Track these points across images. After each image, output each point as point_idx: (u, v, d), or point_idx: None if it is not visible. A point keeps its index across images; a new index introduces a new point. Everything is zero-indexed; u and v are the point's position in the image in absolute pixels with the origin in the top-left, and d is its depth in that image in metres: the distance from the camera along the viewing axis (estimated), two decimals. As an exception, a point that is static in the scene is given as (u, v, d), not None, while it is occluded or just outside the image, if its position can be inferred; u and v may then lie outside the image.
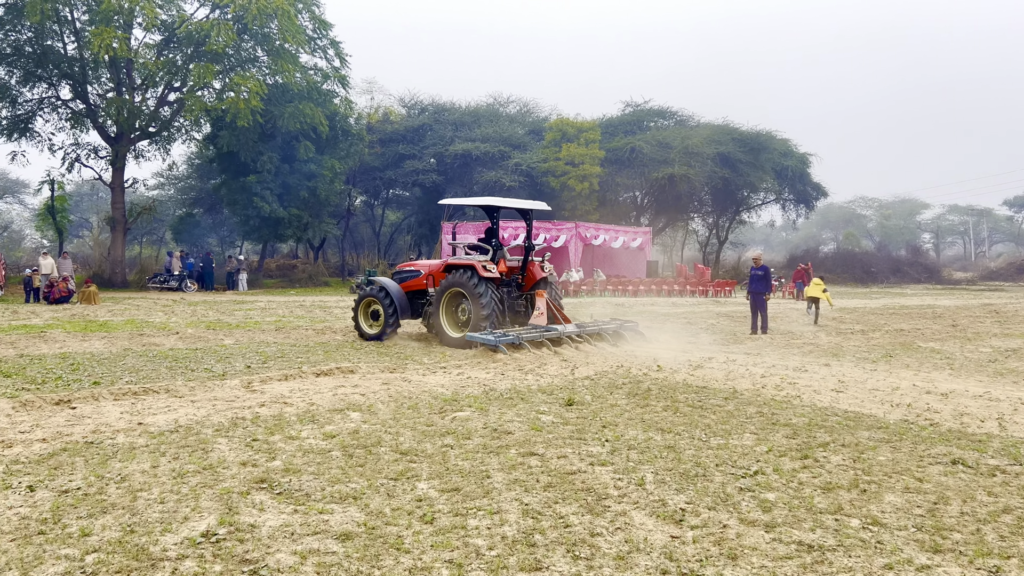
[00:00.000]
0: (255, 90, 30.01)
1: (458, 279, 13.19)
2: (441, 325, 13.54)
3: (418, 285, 14.61)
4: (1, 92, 31.62)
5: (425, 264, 15.00)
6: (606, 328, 13.84)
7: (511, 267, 14.11)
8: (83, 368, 10.15)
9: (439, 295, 13.59)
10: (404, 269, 15.40)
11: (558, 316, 13.70)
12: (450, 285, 13.37)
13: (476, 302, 12.88)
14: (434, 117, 45.89)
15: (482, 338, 12.02)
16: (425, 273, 14.59)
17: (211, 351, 12.29)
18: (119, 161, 33.58)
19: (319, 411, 7.39)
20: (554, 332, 12.72)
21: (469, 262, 13.38)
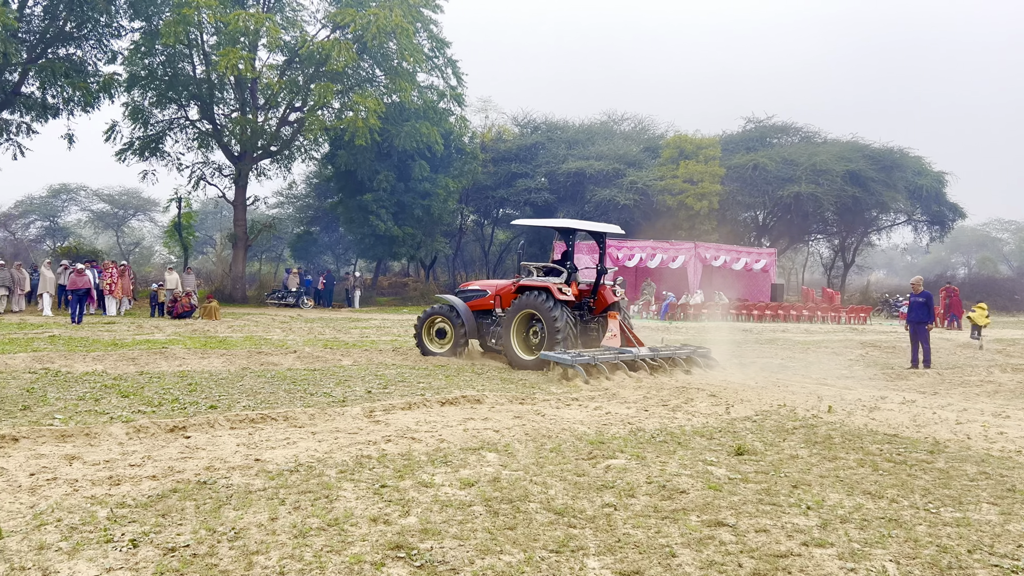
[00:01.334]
0: (373, 109, 30.08)
1: (532, 301, 12.88)
2: (512, 347, 13.19)
3: (484, 305, 14.33)
4: (135, 114, 32.92)
5: (491, 284, 14.84)
6: (679, 353, 13.22)
7: (582, 290, 13.70)
8: (200, 389, 9.70)
9: (511, 316, 13.23)
10: (468, 288, 15.10)
11: (631, 338, 13.42)
12: (523, 307, 13.05)
13: (550, 324, 12.57)
14: (547, 135, 45.27)
15: (557, 357, 11.69)
16: (492, 293, 14.31)
17: (330, 372, 11.72)
18: (242, 179, 34.39)
19: (451, 450, 6.51)
20: (628, 355, 12.31)
21: (543, 284, 13.04)
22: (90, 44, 31.02)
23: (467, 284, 15.63)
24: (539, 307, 12.78)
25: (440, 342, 14.43)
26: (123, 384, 9.91)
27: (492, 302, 14.20)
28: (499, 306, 14.01)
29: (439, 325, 14.50)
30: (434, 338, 14.54)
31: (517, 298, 13.28)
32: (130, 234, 61.04)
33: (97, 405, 8.38)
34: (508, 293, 13.90)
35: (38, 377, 10.33)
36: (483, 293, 14.54)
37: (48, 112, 30.08)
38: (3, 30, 24.75)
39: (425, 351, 14.43)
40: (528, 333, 13.22)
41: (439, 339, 14.46)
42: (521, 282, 13.54)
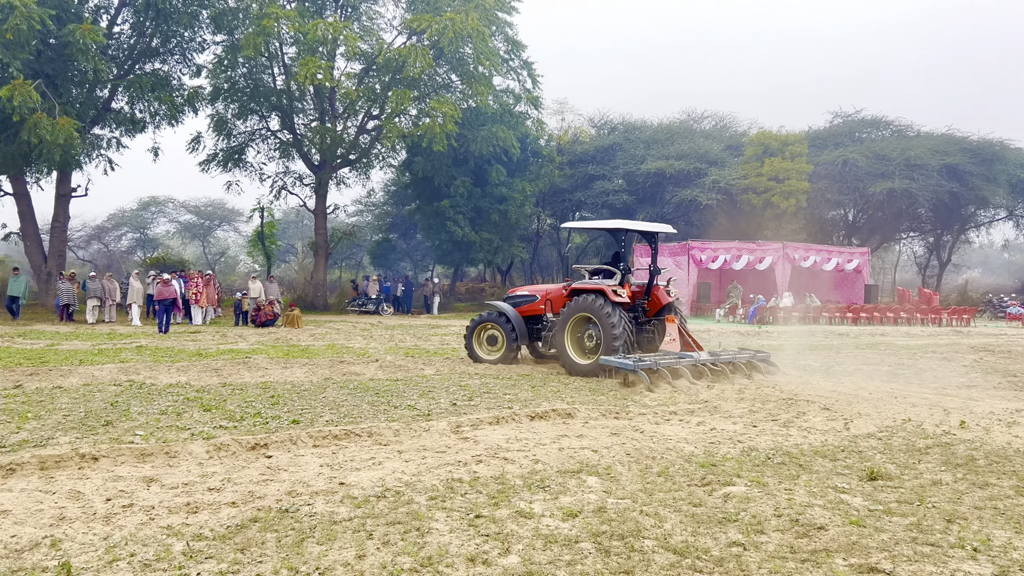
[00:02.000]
0: (450, 114, 29.88)
1: (586, 304, 12.55)
2: (567, 351, 12.86)
3: (534, 310, 14.12)
4: (219, 126, 33.62)
5: (541, 289, 14.60)
6: (739, 357, 12.74)
7: (635, 292, 13.36)
8: (283, 401, 9.42)
9: (564, 321, 12.88)
10: (517, 294, 14.84)
11: (690, 342, 13.00)
12: (577, 310, 12.70)
13: (607, 328, 12.19)
14: (624, 136, 44.36)
15: (619, 363, 11.43)
16: (542, 298, 14.07)
17: (412, 383, 11.34)
18: (322, 188, 34.73)
19: (547, 473, 5.97)
20: (689, 360, 11.91)
21: (598, 286, 12.68)
22: (175, 59, 31.77)
23: (516, 290, 15.39)
24: (594, 310, 12.42)
25: (491, 349, 14.19)
26: (206, 397, 9.72)
27: (543, 307, 13.98)
28: (550, 311, 13.80)
29: (490, 332, 14.26)
30: (484, 344, 14.30)
31: (570, 301, 12.94)
32: (216, 244, 62.73)
33: (179, 420, 8.16)
34: (559, 297, 13.64)
35: (123, 390, 10.25)
36: (533, 298, 14.29)
37: (136, 127, 30.90)
38: (94, 49, 25.47)
39: (476, 358, 14.17)
40: (583, 337, 12.83)
41: (490, 346, 14.23)
42: (573, 285, 13.22)
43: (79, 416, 8.24)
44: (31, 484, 5.51)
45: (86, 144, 28.98)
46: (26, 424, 7.81)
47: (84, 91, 27.76)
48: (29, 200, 29.32)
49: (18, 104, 22.40)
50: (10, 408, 8.70)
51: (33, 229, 29.69)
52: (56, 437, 7.16)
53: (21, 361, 13.56)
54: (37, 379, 11.19)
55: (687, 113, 47.51)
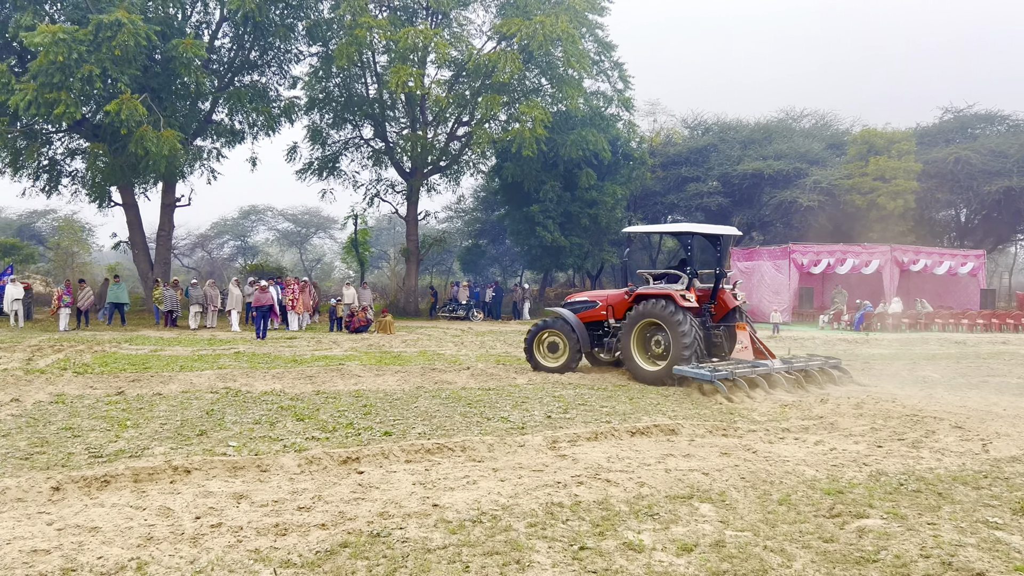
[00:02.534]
0: (540, 118, 29.56)
1: (654, 309, 12.27)
2: (633, 358, 12.61)
3: (594, 316, 13.80)
4: (314, 135, 34.29)
5: (601, 295, 14.33)
6: (811, 365, 12.43)
7: (699, 296, 12.80)
8: (375, 411, 9.23)
9: (629, 326, 12.63)
10: (576, 300, 14.46)
11: (763, 350, 12.65)
12: (643, 316, 12.44)
13: (676, 334, 11.89)
14: (719, 136, 43.08)
15: (694, 373, 11.10)
16: (603, 304, 13.77)
17: (505, 392, 11.01)
18: (413, 195, 34.97)
19: (655, 498, 5.49)
20: (764, 368, 11.68)
21: (665, 291, 12.43)
22: (272, 71, 32.59)
23: (574, 296, 15.05)
24: (663, 316, 12.12)
25: (552, 356, 13.87)
26: (299, 405, 9.63)
27: (604, 313, 13.68)
28: (611, 317, 13.55)
29: (550, 339, 13.93)
30: (546, 352, 13.97)
31: (635, 307, 12.67)
32: (312, 251, 64.27)
33: (272, 430, 8.05)
34: (621, 303, 13.38)
35: (219, 397, 10.28)
36: (592, 304, 13.97)
37: (235, 137, 31.83)
38: (196, 63, 26.32)
39: (536, 366, 13.89)
40: (650, 343, 12.53)
41: (551, 353, 13.90)
42: (639, 290, 12.91)
43: (175, 425, 8.24)
44: (123, 499, 5.40)
45: (189, 155, 30.01)
46: (124, 432, 7.84)
47: (187, 104, 28.72)
48: (137, 210, 30.52)
49: (125, 117, 23.28)
50: (111, 415, 8.79)
51: (141, 238, 30.90)
52: (151, 447, 7.13)
53: (126, 367, 13.91)
54: (139, 386, 11.39)
55: (785, 112, 45.80)
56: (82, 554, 4.24)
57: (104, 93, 24.79)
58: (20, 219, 48.66)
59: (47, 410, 9.14)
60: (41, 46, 22.41)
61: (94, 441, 7.42)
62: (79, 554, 4.24)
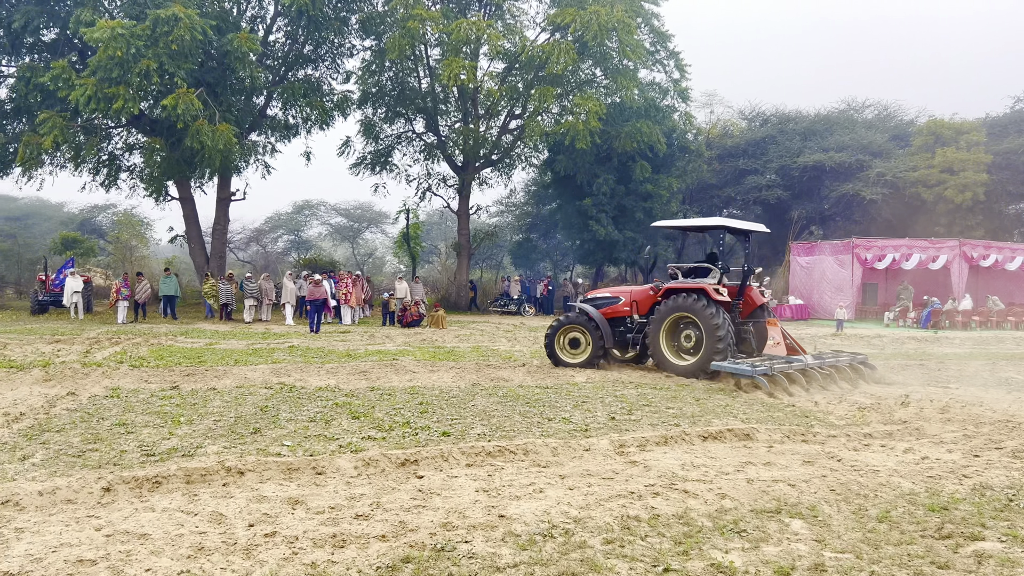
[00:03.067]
0: (594, 111, 29.04)
1: (686, 303, 12.19)
2: (662, 352, 12.60)
3: (617, 312, 13.57)
4: (367, 130, 34.28)
5: (624, 290, 14.10)
6: (840, 361, 12.29)
7: (728, 291, 12.80)
8: (432, 410, 8.91)
9: (659, 320, 12.55)
10: (598, 296, 14.26)
11: (796, 346, 12.72)
12: (674, 310, 12.38)
13: (710, 328, 11.81)
14: (778, 128, 41.90)
15: (736, 368, 11.03)
16: (627, 300, 13.58)
17: (564, 391, 10.61)
18: (465, 189, 34.74)
19: (740, 512, 5.05)
20: (800, 364, 11.60)
21: (697, 285, 12.41)
22: (325, 65, 32.67)
23: (596, 291, 14.82)
24: (695, 310, 12.03)
25: (574, 352, 13.55)
26: (354, 402, 9.37)
27: (627, 309, 13.48)
28: (635, 312, 13.39)
29: (572, 334, 13.59)
30: (567, 348, 13.64)
31: (664, 301, 12.58)
32: (364, 246, 64.65)
33: (327, 428, 7.79)
34: (646, 299, 13.29)
35: (273, 393, 10.09)
36: (615, 300, 13.73)
37: (289, 132, 32.00)
38: (251, 57, 26.44)
39: (558, 362, 13.54)
40: (680, 338, 12.49)
41: (572, 349, 13.58)
42: (669, 284, 12.88)
43: (229, 422, 8.03)
44: (174, 502, 5.15)
45: (244, 150, 30.23)
46: (178, 429, 7.65)
47: (242, 99, 28.89)
48: (193, 204, 30.88)
49: (182, 112, 23.45)
50: (164, 411, 8.64)
51: (197, 232, 31.25)
52: (205, 446, 6.91)
53: (181, 360, 13.87)
54: (193, 380, 11.28)
55: (846, 102, 44.35)
56: (130, 565, 3.97)
57: (161, 88, 25.03)
58: (82, 213, 49.81)
59: (102, 404, 9.03)
60: (100, 41, 22.68)
61: (147, 438, 7.24)
62: (127, 565, 3.98)
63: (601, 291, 14.72)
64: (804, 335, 22.93)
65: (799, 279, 33.63)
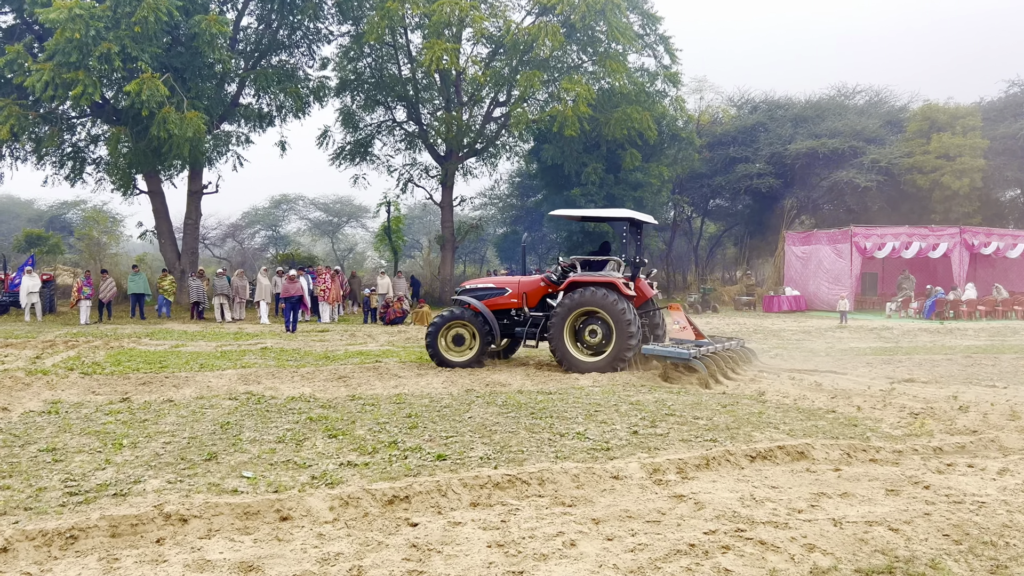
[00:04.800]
0: (583, 95, 27.76)
1: (594, 298, 11.62)
2: (567, 349, 11.91)
3: (502, 305, 12.78)
4: (346, 119, 32.81)
5: (508, 281, 13.26)
6: (731, 346, 12.36)
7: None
8: (422, 424, 7.63)
9: (563, 316, 11.84)
10: (478, 287, 13.26)
11: (698, 331, 12.47)
12: (580, 304, 11.74)
13: (622, 323, 11.48)
14: (768, 115, 40.77)
15: (672, 352, 10.93)
16: (514, 291, 12.78)
17: (571, 397, 9.36)
18: (448, 179, 33.37)
19: (841, 571, 3.81)
20: (714, 347, 11.62)
21: (607, 279, 11.81)
22: (300, 51, 31.17)
23: (474, 282, 13.79)
24: (605, 305, 11.57)
25: (458, 350, 12.57)
26: (331, 416, 8.07)
27: (515, 301, 12.73)
28: (524, 305, 12.69)
29: (456, 330, 12.57)
30: (451, 346, 12.60)
31: (568, 294, 11.92)
32: (344, 240, 63.07)
33: (298, 451, 6.49)
34: (536, 290, 12.74)
35: (238, 406, 8.76)
36: (501, 291, 12.89)
37: (263, 121, 30.49)
38: (221, 41, 24.93)
39: (443, 362, 12.47)
40: (584, 332, 11.89)
41: (456, 346, 12.58)
42: (574, 276, 12.14)
43: (181, 444, 6.72)
44: (86, 570, 3.84)
45: (216, 140, 28.71)
46: (117, 455, 6.33)
47: (212, 85, 27.34)
48: (163, 198, 29.31)
49: (146, 98, 21.94)
50: (106, 431, 7.30)
51: (167, 227, 29.69)
52: (145, 479, 5.59)
53: (140, 366, 12.50)
54: (148, 390, 9.93)
55: (837, 88, 43.33)
56: None
57: (124, 73, 23.47)
58: (51, 210, 48.02)
59: (35, 423, 7.68)
60: (57, 23, 21.13)
61: (77, 468, 5.91)
62: None
63: (480, 281, 13.75)
64: (808, 328, 21.85)
65: (794, 269, 32.58)
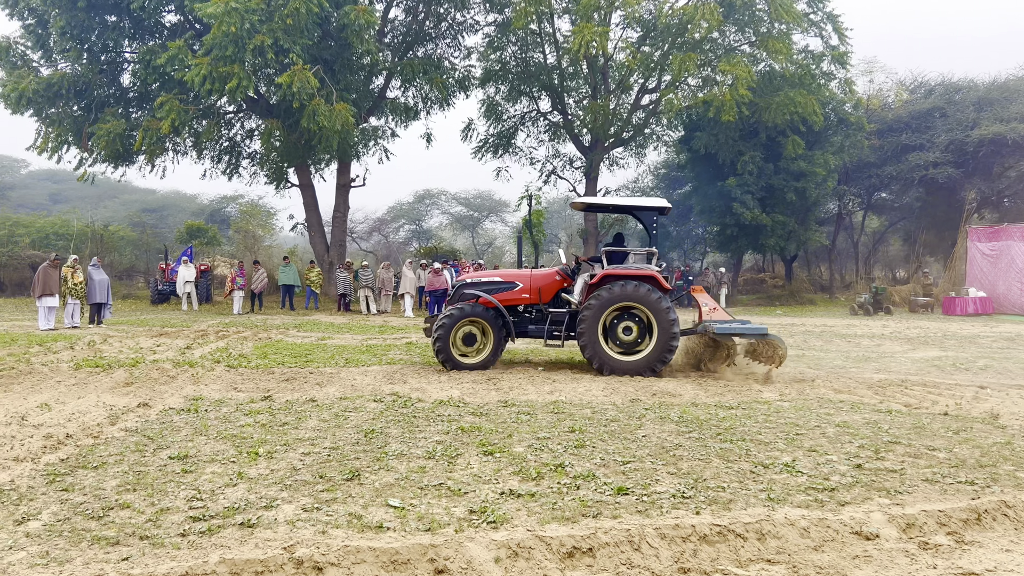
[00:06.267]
0: (743, 78, 25.84)
1: (636, 293, 10.71)
2: (602, 349, 10.85)
3: (513, 300, 11.58)
4: (490, 110, 32.27)
5: (517, 274, 11.81)
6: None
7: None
8: (590, 442, 6.50)
9: (597, 312, 10.78)
10: (483, 280, 11.84)
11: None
12: (618, 299, 10.75)
13: (664, 321, 10.66)
14: (945, 99, 36.99)
15: (750, 329, 10.78)
16: (526, 286, 11.59)
17: (758, 414, 7.98)
18: (593, 170, 32.18)
19: None
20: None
21: (647, 271, 11.01)
22: (446, 42, 30.87)
23: (475, 275, 12.35)
24: (646, 300, 10.68)
25: (469, 350, 11.28)
26: (485, 426, 7.10)
27: (527, 296, 11.57)
28: (538, 301, 11.57)
29: (466, 329, 11.23)
30: (461, 347, 11.25)
31: (603, 288, 10.79)
32: (484, 235, 63.17)
33: (451, 471, 5.53)
34: (551, 284, 11.64)
35: (384, 409, 7.96)
36: (511, 285, 11.61)
37: (409, 115, 30.38)
38: (370, 33, 24.82)
39: (455, 365, 11.07)
40: (618, 330, 10.84)
41: (467, 347, 11.27)
42: (610, 269, 11.09)
43: (321, 456, 5.91)
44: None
45: (363, 134, 28.79)
46: (251, 467, 5.58)
47: (360, 78, 27.38)
48: (313, 191, 29.76)
49: (297, 90, 22.03)
50: (244, 435, 6.63)
51: (317, 220, 30.14)
52: (279, 503, 4.76)
53: (286, 359, 12.11)
54: (291, 387, 9.35)
55: None
56: None
57: (276, 66, 23.74)
58: (212, 204, 50.48)
59: (171, 423, 7.14)
60: (214, 17, 21.51)
61: (206, 483, 5.18)
62: None
63: (485, 274, 12.27)
64: (1008, 334, 19.17)
65: (980, 268, 29.20)
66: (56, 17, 23.87)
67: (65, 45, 24.68)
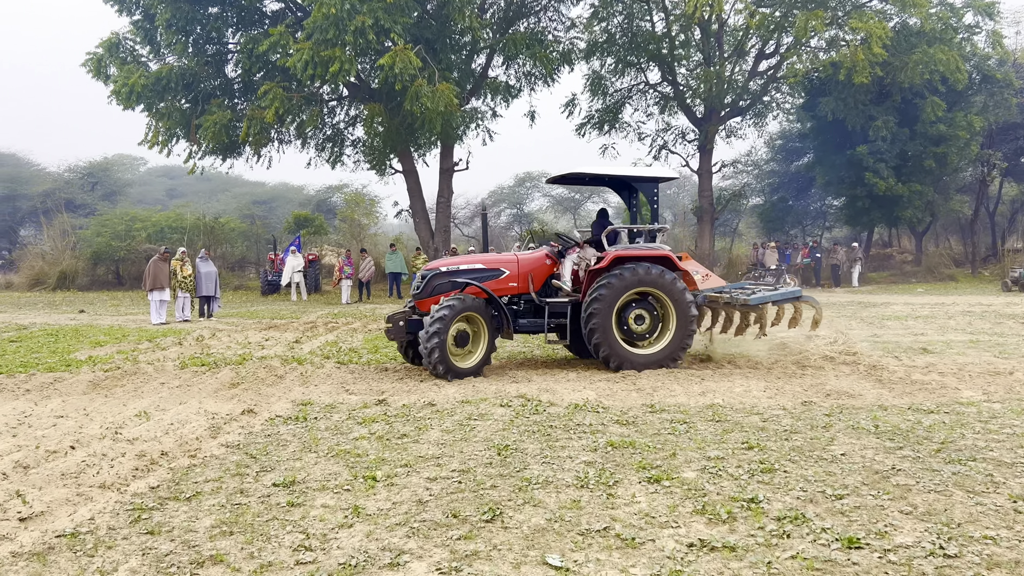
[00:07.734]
0: (878, 34, 23.48)
1: (652, 277, 9.42)
2: (617, 342, 9.38)
3: (501, 290, 9.70)
4: (595, 85, 30.78)
5: (502, 259, 9.99)
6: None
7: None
8: (777, 464, 5.20)
9: (611, 300, 9.30)
10: (461, 268, 9.72)
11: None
12: (634, 285, 9.38)
13: (684, 308, 9.52)
14: (1108, 48, 33.09)
15: (782, 294, 10.27)
16: (513, 273, 9.81)
17: (961, 419, 6.47)
18: (707, 143, 30.26)
19: None
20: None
21: (661, 252, 9.78)
22: (548, 16, 29.52)
23: (448, 262, 10.07)
24: (665, 285, 9.47)
25: (461, 352, 9.25)
26: (638, 440, 5.90)
27: (515, 284, 9.82)
28: (528, 290, 9.86)
29: (458, 326, 9.15)
30: (453, 348, 9.17)
31: (613, 272, 9.37)
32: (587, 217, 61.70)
33: (612, 508, 4.38)
34: (542, 269, 10.03)
35: (513, 416, 6.88)
36: (496, 273, 9.75)
37: (511, 94, 29.28)
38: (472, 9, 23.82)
39: (456, 372, 9.02)
40: (628, 320, 9.49)
41: (459, 348, 9.23)
42: (619, 251, 9.66)
43: (451, 484, 4.87)
44: None
45: (465, 115, 27.92)
46: (369, 498, 4.60)
47: (462, 56, 26.44)
48: (416, 177, 29.11)
49: (399, 71, 21.25)
50: (358, 451, 5.68)
51: (421, 206, 29.51)
52: (405, 558, 3.71)
53: (397, 354, 11.21)
54: (406, 388, 8.45)
55: None
56: None
57: (377, 47, 23.03)
58: (318, 194, 50.99)
59: (278, 436, 6.27)
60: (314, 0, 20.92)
61: (316, 524, 4.20)
62: None
63: (462, 261, 9.97)
64: None
65: None
66: (162, 11, 23.90)
67: (171, 39, 24.72)
